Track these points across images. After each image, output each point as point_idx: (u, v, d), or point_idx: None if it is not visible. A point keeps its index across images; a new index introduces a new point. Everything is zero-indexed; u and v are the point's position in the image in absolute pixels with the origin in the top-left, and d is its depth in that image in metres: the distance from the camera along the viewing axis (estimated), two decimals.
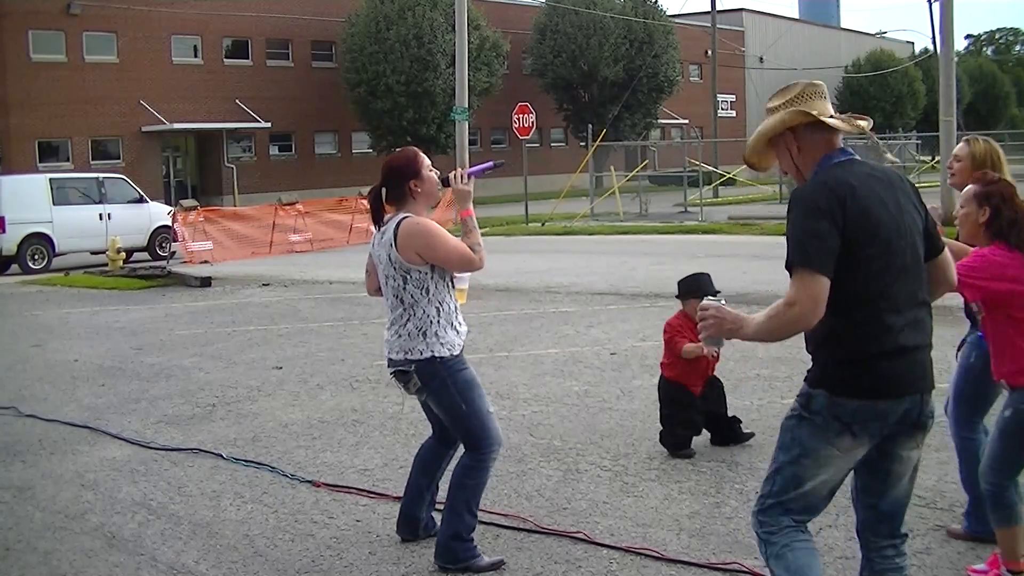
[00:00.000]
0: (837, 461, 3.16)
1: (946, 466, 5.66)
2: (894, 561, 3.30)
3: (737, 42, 59.12)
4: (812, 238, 3.02)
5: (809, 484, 3.17)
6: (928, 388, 3.19)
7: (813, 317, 3.00)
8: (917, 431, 3.21)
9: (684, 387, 6.23)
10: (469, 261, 4.54)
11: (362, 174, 39.77)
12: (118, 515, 5.57)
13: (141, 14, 36.89)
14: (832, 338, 3.11)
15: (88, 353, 10.74)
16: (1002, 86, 78.02)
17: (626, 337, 10.17)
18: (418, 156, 4.62)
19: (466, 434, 4.61)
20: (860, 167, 3.19)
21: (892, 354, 3.09)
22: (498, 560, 4.65)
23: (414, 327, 4.51)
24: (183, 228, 21.08)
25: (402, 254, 4.46)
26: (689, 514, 5.15)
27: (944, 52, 21.41)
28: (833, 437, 3.12)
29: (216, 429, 7.33)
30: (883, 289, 3.09)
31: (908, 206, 3.19)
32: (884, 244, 3.08)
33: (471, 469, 4.62)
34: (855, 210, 3.04)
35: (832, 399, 3.11)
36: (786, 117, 3.21)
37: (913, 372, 3.14)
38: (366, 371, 9.03)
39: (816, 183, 3.14)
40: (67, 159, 35.98)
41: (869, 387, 3.09)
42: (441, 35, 39.02)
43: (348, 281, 15.70)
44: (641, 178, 32.53)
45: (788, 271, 3.07)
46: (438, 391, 4.56)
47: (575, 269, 16.29)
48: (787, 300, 3.02)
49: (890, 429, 3.16)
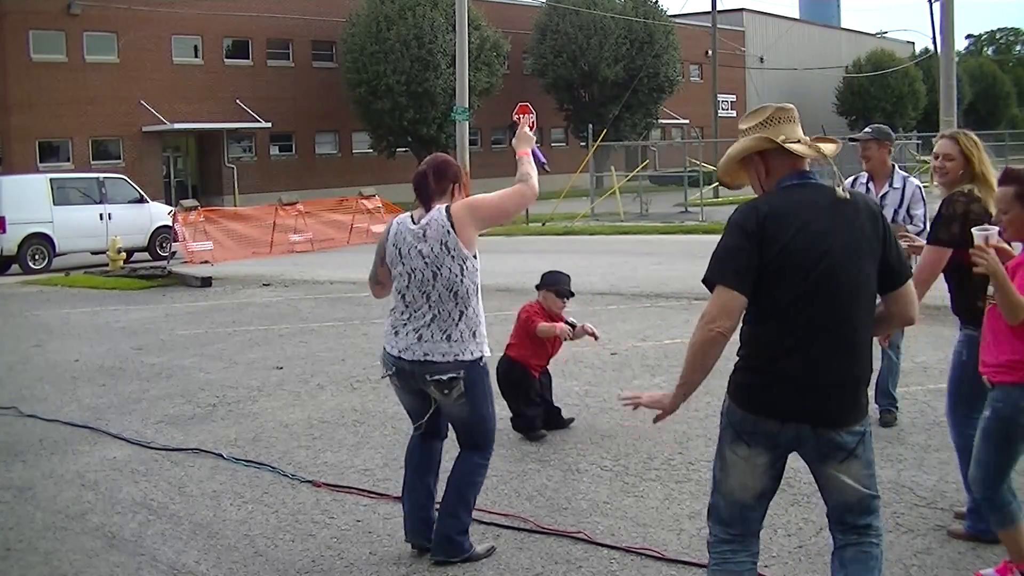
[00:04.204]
0: (741, 467, 3.24)
1: (946, 466, 5.66)
2: (851, 537, 3.32)
3: (737, 42, 59.10)
4: (726, 254, 3.17)
5: (725, 490, 3.30)
6: (820, 422, 3.16)
7: (723, 328, 3.12)
8: (828, 462, 3.23)
9: (525, 368, 6.64)
10: (522, 194, 4.65)
11: (362, 174, 39.80)
12: (119, 515, 5.57)
13: (141, 14, 36.86)
14: (742, 346, 3.24)
15: (89, 353, 10.75)
16: (1002, 86, 77.95)
17: (626, 337, 10.17)
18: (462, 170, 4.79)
19: (484, 436, 4.65)
20: (806, 191, 3.22)
21: (766, 375, 3.17)
22: (490, 547, 4.76)
23: (466, 326, 4.45)
24: (183, 228, 21.08)
25: (461, 235, 4.42)
26: (689, 514, 5.15)
27: (944, 52, 21.43)
28: (731, 442, 3.26)
29: (216, 429, 7.33)
30: (791, 312, 3.14)
31: (859, 236, 3.19)
32: (799, 269, 3.12)
33: (481, 467, 4.68)
34: (772, 231, 3.12)
35: (729, 405, 3.27)
36: (751, 143, 3.30)
37: (789, 401, 3.15)
38: (367, 371, 9.02)
39: (749, 205, 3.24)
40: (67, 159, 35.95)
41: (751, 402, 3.21)
42: (441, 35, 39.00)
43: (349, 281, 15.70)
44: (641, 178, 32.53)
45: (706, 285, 3.21)
46: (479, 395, 4.53)
47: (575, 269, 16.12)
48: (706, 318, 3.16)
49: (788, 446, 3.22)
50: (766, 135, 3.26)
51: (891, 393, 6.56)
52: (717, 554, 3.33)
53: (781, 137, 3.24)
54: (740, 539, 3.32)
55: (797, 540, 4.75)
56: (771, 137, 3.25)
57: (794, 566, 4.48)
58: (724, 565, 3.31)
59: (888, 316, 3.33)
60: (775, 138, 3.24)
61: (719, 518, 3.33)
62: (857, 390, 3.22)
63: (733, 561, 3.30)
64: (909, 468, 5.70)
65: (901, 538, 4.71)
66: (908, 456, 5.94)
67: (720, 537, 3.33)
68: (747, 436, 3.21)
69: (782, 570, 4.43)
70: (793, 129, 3.28)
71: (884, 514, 3.43)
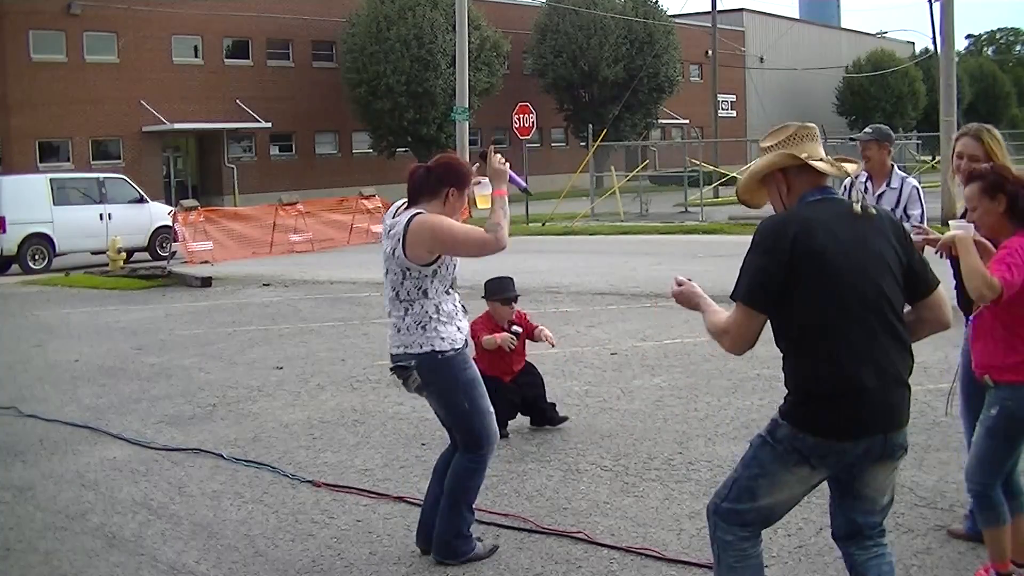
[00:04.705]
0: (793, 485, 3.28)
1: (947, 466, 5.66)
2: (873, 551, 3.38)
3: (737, 42, 59.08)
4: (751, 274, 3.21)
5: (764, 501, 3.30)
6: (892, 427, 3.23)
7: (738, 348, 3.28)
8: (885, 462, 3.29)
9: (495, 378, 6.48)
10: (483, 243, 4.44)
11: (363, 174, 39.77)
12: (119, 515, 5.57)
13: (141, 14, 36.85)
14: (794, 373, 3.25)
15: (89, 353, 10.75)
16: (1002, 86, 77.89)
17: (626, 337, 10.17)
18: (472, 174, 4.62)
19: (467, 433, 4.60)
20: (830, 205, 3.27)
21: (846, 393, 3.17)
22: (493, 546, 4.75)
23: (412, 321, 4.50)
24: (183, 228, 21.07)
25: (409, 252, 4.42)
26: (689, 514, 5.15)
27: (944, 52, 21.43)
28: (792, 465, 3.25)
29: (216, 429, 7.33)
30: (833, 325, 3.17)
31: (882, 246, 3.23)
32: (835, 281, 3.15)
33: (471, 471, 4.63)
34: (803, 246, 3.15)
35: (793, 432, 3.23)
36: (775, 159, 3.33)
37: (872, 413, 3.18)
38: (367, 371, 9.03)
39: (775, 220, 3.28)
40: (67, 159, 35.95)
41: (826, 427, 3.19)
42: (441, 35, 38.99)
43: (349, 281, 15.70)
44: (641, 178, 32.52)
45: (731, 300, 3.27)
46: (442, 388, 4.54)
47: (576, 269, 16.29)
48: (724, 327, 3.27)
49: (854, 461, 3.25)
50: (790, 151, 3.30)
51: None
52: (737, 551, 3.33)
53: (805, 155, 3.28)
54: (757, 534, 3.37)
55: (797, 540, 4.75)
56: (795, 154, 3.29)
57: (794, 566, 4.49)
58: (746, 561, 3.32)
59: (921, 321, 3.37)
60: (799, 155, 3.28)
61: (743, 523, 3.32)
62: (907, 386, 3.28)
63: (753, 555, 3.34)
64: (909, 468, 5.70)
65: (901, 538, 4.71)
66: (908, 456, 5.90)
67: (740, 536, 3.33)
68: (816, 460, 3.22)
69: (782, 570, 4.43)
70: (815, 147, 3.32)
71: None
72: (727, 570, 3.35)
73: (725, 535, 3.35)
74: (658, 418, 6.94)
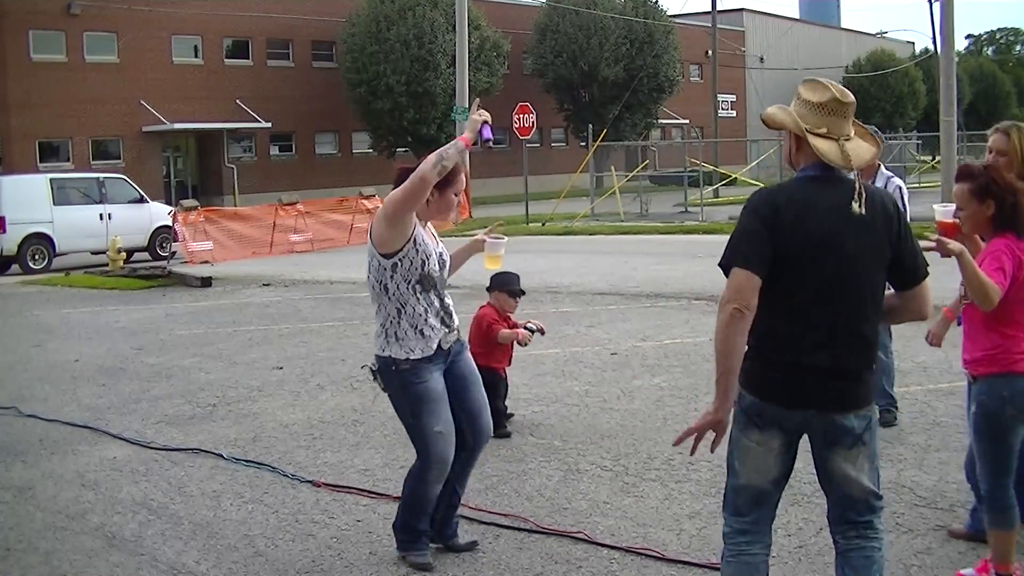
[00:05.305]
0: (755, 452, 3.31)
1: (946, 466, 5.66)
2: (855, 541, 3.36)
3: (737, 42, 59.10)
4: (741, 237, 3.24)
5: (742, 477, 3.34)
6: (831, 407, 3.22)
7: (741, 304, 3.13)
8: (836, 449, 3.28)
9: (494, 370, 6.69)
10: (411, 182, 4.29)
11: (363, 174, 39.74)
12: (119, 515, 5.57)
13: (141, 14, 36.86)
14: (752, 334, 3.24)
15: (88, 353, 10.75)
16: (1002, 86, 77.92)
17: (627, 337, 10.17)
18: (458, 177, 4.55)
19: (416, 441, 4.62)
20: (820, 184, 3.25)
21: (788, 366, 3.22)
22: (428, 563, 4.60)
23: (379, 323, 4.59)
24: (183, 228, 21.06)
25: (374, 230, 4.52)
26: (689, 514, 5.15)
27: (944, 52, 21.43)
28: (744, 428, 3.32)
29: (216, 429, 7.33)
30: (797, 301, 3.20)
31: (869, 238, 3.21)
32: (807, 259, 3.18)
33: (414, 478, 4.62)
34: (786, 219, 3.18)
35: (741, 391, 3.30)
36: (789, 123, 3.30)
37: (812, 388, 3.20)
38: (367, 371, 9.02)
39: (766, 191, 3.31)
40: (67, 159, 35.95)
41: (765, 388, 3.27)
42: (441, 35, 39.00)
43: (349, 281, 15.70)
44: (641, 178, 32.50)
45: (722, 270, 3.25)
46: (393, 395, 4.62)
47: (576, 269, 16.29)
48: (720, 299, 3.21)
49: (803, 434, 3.29)
50: (808, 127, 3.24)
51: (889, 393, 6.55)
52: (732, 545, 3.36)
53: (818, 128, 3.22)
54: (755, 529, 3.36)
55: (797, 540, 4.75)
56: (813, 130, 3.24)
57: (794, 566, 4.49)
58: (739, 556, 3.35)
59: (902, 309, 3.37)
60: (815, 129, 3.23)
61: (735, 508, 3.37)
62: (860, 376, 3.26)
63: (748, 553, 3.34)
64: (909, 468, 5.70)
65: (901, 538, 4.71)
66: (908, 456, 5.94)
67: (735, 528, 3.37)
68: (757, 420, 3.27)
69: (782, 570, 4.43)
70: (841, 125, 3.25)
71: (884, 514, 3.43)
72: (723, 561, 3.40)
73: (724, 525, 3.41)
74: (658, 418, 6.94)
